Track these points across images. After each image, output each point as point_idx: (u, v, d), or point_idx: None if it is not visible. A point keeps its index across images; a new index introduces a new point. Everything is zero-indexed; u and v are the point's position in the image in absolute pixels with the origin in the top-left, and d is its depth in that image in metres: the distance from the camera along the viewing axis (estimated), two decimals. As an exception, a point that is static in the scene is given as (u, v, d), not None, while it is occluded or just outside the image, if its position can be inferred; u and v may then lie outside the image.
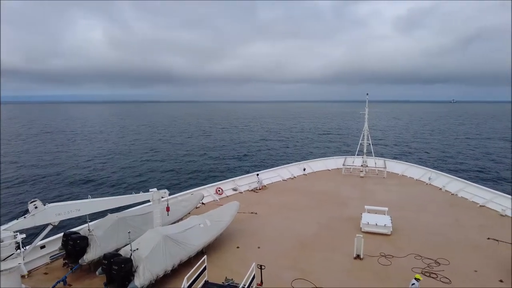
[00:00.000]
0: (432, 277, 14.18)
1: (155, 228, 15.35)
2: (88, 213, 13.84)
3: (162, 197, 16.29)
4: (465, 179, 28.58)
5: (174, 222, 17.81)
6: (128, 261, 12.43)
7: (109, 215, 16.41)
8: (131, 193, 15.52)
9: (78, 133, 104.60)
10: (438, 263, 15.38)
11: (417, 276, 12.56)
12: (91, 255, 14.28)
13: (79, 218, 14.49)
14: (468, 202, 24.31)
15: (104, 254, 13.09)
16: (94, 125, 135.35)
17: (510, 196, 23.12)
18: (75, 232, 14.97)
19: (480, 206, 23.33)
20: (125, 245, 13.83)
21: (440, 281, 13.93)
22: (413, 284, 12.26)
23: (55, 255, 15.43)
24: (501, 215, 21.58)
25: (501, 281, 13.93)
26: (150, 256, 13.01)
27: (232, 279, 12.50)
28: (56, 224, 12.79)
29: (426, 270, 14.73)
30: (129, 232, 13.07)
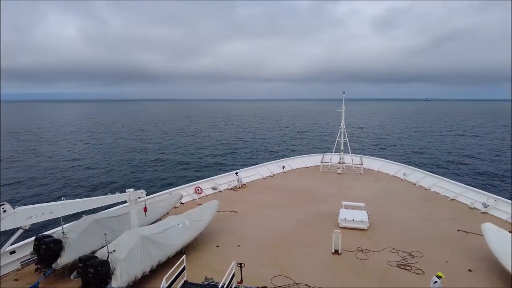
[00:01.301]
0: (407, 270, 14.66)
1: (133, 229, 15.04)
2: (62, 216, 13.40)
3: (139, 198, 15.97)
4: (438, 174, 29.71)
5: (152, 223, 17.50)
6: (105, 263, 12.13)
7: (84, 217, 15.92)
8: (107, 194, 15.14)
9: (50, 133, 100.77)
10: (413, 255, 15.90)
11: (439, 273, 12.31)
12: (65, 258, 13.80)
13: (52, 221, 13.99)
14: (440, 196, 25.28)
15: (80, 257, 12.71)
16: (66, 125, 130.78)
17: (478, 190, 24.33)
18: (48, 236, 14.43)
19: (451, 200, 24.32)
20: (102, 247, 13.48)
21: (415, 273, 14.42)
22: (436, 282, 12.06)
23: (27, 260, 14.84)
24: (470, 208, 22.60)
25: (469, 270, 14.60)
26: (127, 258, 12.74)
27: (212, 278, 12.46)
28: (27, 228, 12.30)
29: (401, 263, 15.19)
30: (105, 234, 12.74)
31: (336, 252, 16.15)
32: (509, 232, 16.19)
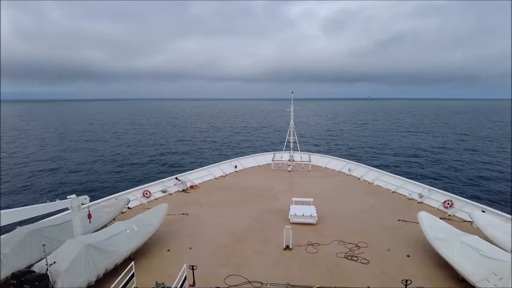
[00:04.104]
0: (354, 260, 15.45)
1: (76, 237, 14.11)
2: None
3: (82, 204, 15.01)
4: (380, 169, 31.81)
5: (97, 230, 16.56)
6: (43, 277, 11.21)
7: (18, 228, 14.55)
8: (45, 202, 14.02)
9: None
10: (359, 246, 16.81)
11: None
12: None
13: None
14: (382, 189, 27.05)
15: (12, 273, 11.60)
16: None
17: (415, 182, 26.46)
18: None
19: (392, 192, 26.14)
20: (40, 260, 12.46)
21: (361, 262, 15.24)
22: None
23: None
24: (408, 198, 24.51)
25: (408, 256, 15.84)
26: (70, 269, 11.90)
27: (163, 283, 12.10)
28: None
29: (349, 254, 15.97)
30: (43, 245, 11.79)
31: (287, 247, 16.55)
32: (440, 218, 17.88)
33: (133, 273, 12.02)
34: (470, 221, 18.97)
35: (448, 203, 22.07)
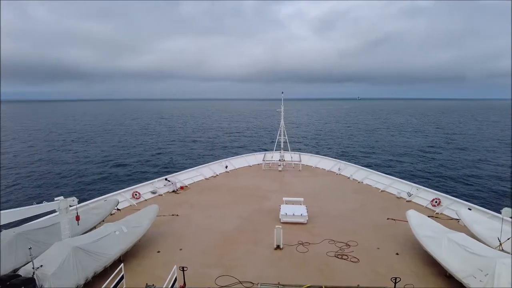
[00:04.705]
0: (344, 259, 15.55)
1: (63, 240, 13.89)
2: None
3: (70, 206, 14.78)
4: (369, 168, 32.16)
5: (86, 232, 16.33)
6: (30, 281, 10.98)
7: (4, 232, 14.25)
8: (32, 204, 13.76)
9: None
10: (349, 245, 16.93)
11: None
12: None
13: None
14: (372, 188, 27.33)
15: (-2, 277, 11.37)
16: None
17: (403, 181, 26.81)
18: None
19: (381, 191, 26.44)
20: (26, 264, 12.23)
21: (351, 261, 15.35)
22: None
23: None
24: (397, 197, 24.82)
25: (397, 254, 16.04)
26: (58, 272, 11.70)
27: (153, 285, 12.00)
28: None
29: (339, 253, 16.07)
30: (30, 248, 11.56)
31: (278, 247, 16.58)
32: (428, 216, 18.16)
33: (122, 275, 11.91)
34: (457, 219, 19.31)
35: (436, 201, 22.43)
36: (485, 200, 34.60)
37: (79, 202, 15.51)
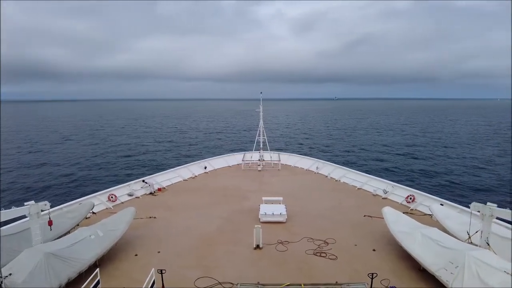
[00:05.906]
0: (322, 256, 15.76)
1: (34, 246, 13.35)
2: None
3: (42, 210, 14.22)
4: (346, 166, 32.77)
5: (60, 237, 15.76)
6: (-2, 290, 10.54)
7: (-31, 239, 13.58)
8: (-1, 209, 13.16)
9: None
10: (327, 243, 17.17)
11: None
12: None
13: None
14: (349, 186, 27.86)
15: (-39, 289, 10.80)
16: None
17: (379, 179, 27.52)
18: None
19: (358, 189, 27.00)
20: (-6, 272, 11.67)
21: (329, 258, 15.58)
22: None
23: None
24: (373, 195, 25.42)
25: (374, 250, 16.43)
26: (28, 280, 11.23)
27: (130, 289, 11.79)
28: None
29: (317, 251, 16.28)
30: (-3, 256, 11.06)
31: (257, 246, 16.61)
32: (403, 213, 18.71)
33: (98, 280, 11.61)
34: (430, 214, 20.00)
35: (410, 198, 23.13)
36: (457, 194, 36.09)
37: (52, 206, 14.95)
